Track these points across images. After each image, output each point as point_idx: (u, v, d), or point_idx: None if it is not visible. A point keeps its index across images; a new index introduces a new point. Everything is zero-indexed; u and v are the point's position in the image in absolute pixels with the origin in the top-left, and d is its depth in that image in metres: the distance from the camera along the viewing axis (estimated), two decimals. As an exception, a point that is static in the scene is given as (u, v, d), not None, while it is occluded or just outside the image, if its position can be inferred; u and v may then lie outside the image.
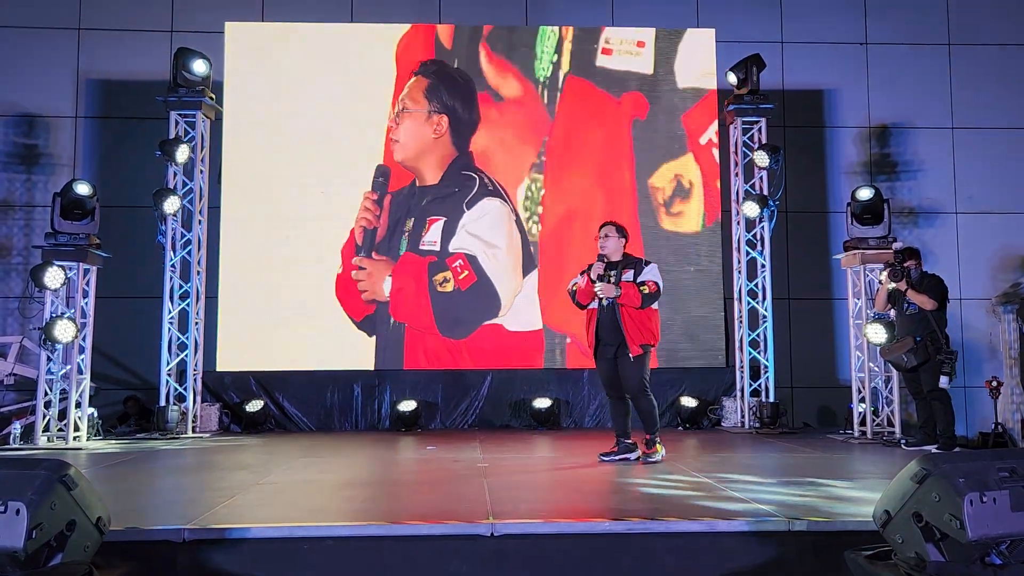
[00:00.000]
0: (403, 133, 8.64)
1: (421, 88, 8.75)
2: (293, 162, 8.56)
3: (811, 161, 9.46)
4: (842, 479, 4.99)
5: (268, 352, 8.35)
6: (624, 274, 5.39)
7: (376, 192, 8.56)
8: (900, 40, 9.60)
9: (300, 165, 8.57)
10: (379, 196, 8.55)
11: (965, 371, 8.68)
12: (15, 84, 9.03)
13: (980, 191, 9.46)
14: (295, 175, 8.55)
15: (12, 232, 8.99)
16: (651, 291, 5.33)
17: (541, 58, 8.78)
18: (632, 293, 5.31)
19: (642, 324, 5.38)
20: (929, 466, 2.77)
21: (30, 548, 2.61)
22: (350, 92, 8.71)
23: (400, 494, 4.68)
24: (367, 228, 8.53)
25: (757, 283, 8.38)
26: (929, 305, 6.30)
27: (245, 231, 8.47)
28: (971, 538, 2.61)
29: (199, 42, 8.36)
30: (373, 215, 8.51)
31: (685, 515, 3.69)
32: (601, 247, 5.50)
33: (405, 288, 8.45)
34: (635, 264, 5.47)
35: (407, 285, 8.45)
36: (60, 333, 6.84)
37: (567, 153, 8.69)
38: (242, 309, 8.36)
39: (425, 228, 8.51)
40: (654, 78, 8.82)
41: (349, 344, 8.41)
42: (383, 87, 8.72)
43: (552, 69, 8.78)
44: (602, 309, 5.41)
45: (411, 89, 8.74)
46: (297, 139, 8.60)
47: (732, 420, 8.33)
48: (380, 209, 8.52)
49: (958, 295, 8.73)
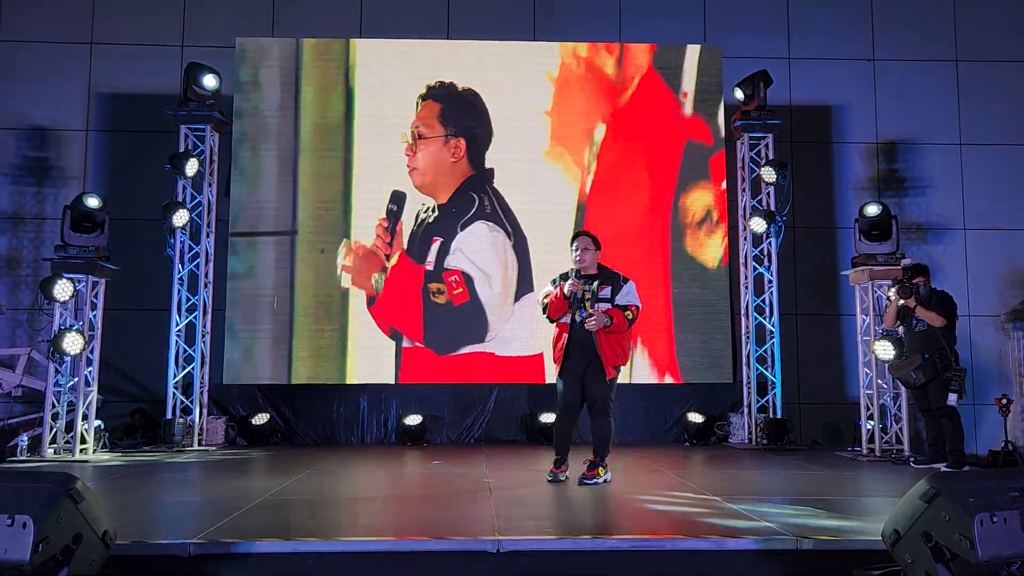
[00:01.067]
0: (421, 160, 8.58)
1: (434, 113, 8.71)
2: (306, 177, 8.55)
3: (818, 177, 9.45)
4: (851, 497, 4.96)
5: (275, 365, 8.33)
6: (601, 290, 5.20)
7: (388, 219, 8.50)
8: (908, 56, 9.61)
9: (312, 181, 8.56)
10: (391, 223, 8.50)
11: (974, 388, 8.63)
12: (27, 98, 9.11)
13: (988, 207, 9.43)
14: (305, 191, 8.54)
15: (22, 244, 9.04)
16: (635, 316, 5.22)
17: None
18: (620, 321, 5.15)
19: (617, 345, 5.23)
20: (939, 485, 2.75)
21: (36, 562, 2.61)
22: (361, 109, 8.69)
23: (406, 509, 4.66)
24: (381, 252, 8.48)
25: (764, 299, 8.37)
26: (938, 322, 6.28)
27: (252, 244, 8.47)
28: (981, 558, 2.59)
29: (209, 57, 8.43)
30: (384, 242, 8.47)
31: (693, 533, 3.67)
32: (579, 260, 5.28)
33: (397, 288, 8.38)
34: (611, 279, 5.26)
35: (400, 285, 8.38)
36: (68, 345, 6.86)
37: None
38: (249, 322, 8.35)
39: (428, 246, 8.49)
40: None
41: (361, 358, 8.39)
42: (396, 104, 8.72)
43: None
44: (574, 325, 5.21)
45: (423, 113, 8.71)
46: (309, 155, 8.60)
47: (739, 436, 8.29)
48: (391, 236, 8.48)
49: (966, 312, 8.69)
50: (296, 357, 8.33)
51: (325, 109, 8.68)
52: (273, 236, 8.49)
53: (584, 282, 5.22)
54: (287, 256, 8.45)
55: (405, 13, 9.35)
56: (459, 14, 9.42)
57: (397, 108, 8.69)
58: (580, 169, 8.71)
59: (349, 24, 9.29)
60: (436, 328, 8.35)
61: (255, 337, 8.34)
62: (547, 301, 5.30)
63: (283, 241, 8.49)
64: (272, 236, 8.49)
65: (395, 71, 8.77)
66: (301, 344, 8.34)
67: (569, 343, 5.23)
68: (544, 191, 8.62)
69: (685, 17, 9.49)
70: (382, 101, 8.72)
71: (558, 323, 5.32)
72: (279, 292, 8.38)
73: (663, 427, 8.54)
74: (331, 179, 8.57)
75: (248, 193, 8.53)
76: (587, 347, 5.20)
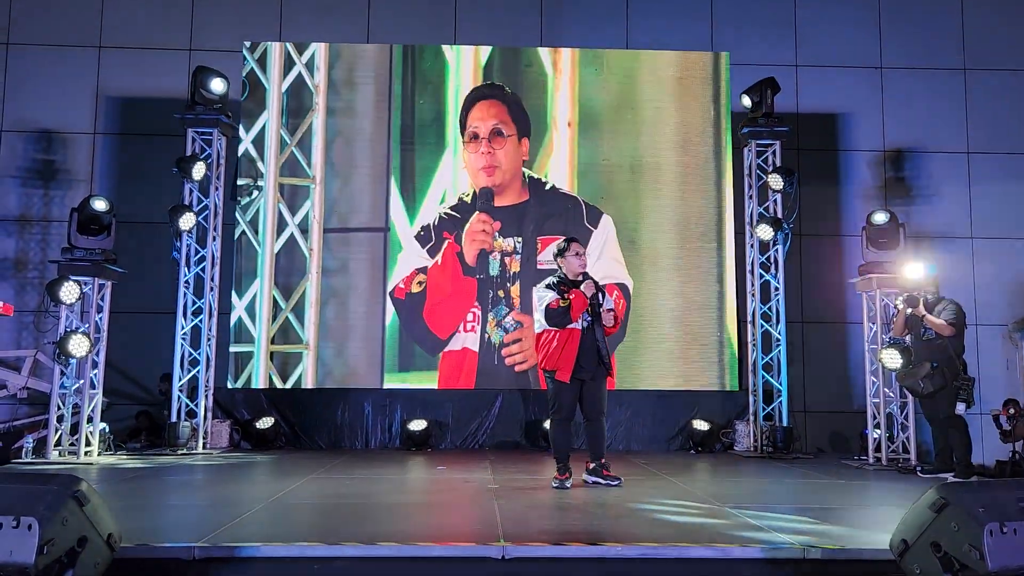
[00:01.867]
0: (502, 157, 8.56)
1: (501, 111, 8.68)
2: (316, 181, 8.56)
3: (825, 184, 9.44)
4: (857, 506, 4.93)
5: (279, 369, 8.34)
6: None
7: (486, 213, 8.47)
8: (915, 64, 9.60)
9: (323, 185, 8.56)
10: (491, 219, 8.47)
11: (981, 398, 8.58)
12: (35, 101, 9.15)
13: (996, 216, 9.40)
14: (315, 194, 8.55)
15: (29, 246, 9.06)
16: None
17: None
18: (616, 319, 5.41)
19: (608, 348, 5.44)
20: (948, 495, 2.73)
21: (41, 564, 2.60)
22: (376, 112, 8.71)
23: (410, 514, 4.65)
24: (486, 250, 8.42)
25: (771, 306, 8.34)
26: (947, 331, 6.25)
27: (258, 248, 8.48)
28: (991, 569, 2.57)
29: (217, 61, 8.46)
30: (490, 236, 8.45)
31: (698, 541, 3.66)
32: (581, 265, 5.41)
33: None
34: (595, 282, 5.39)
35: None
36: (74, 348, 6.87)
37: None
38: (255, 325, 8.37)
39: (539, 248, 8.44)
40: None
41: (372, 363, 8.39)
42: (424, 109, 8.76)
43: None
44: (584, 331, 5.28)
45: (485, 114, 8.66)
46: (320, 158, 8.61)
47: (744, 444, 8.25)
48: (493, 228, 8.46)
49: (974, 321, 8.65)
50: (303, 361, 8.33)
51: (329, 111, 8.70)
52: (282, 240, 8.51)
53: (574, 284, 5.33)
54: (301, 261, 8.49)
55: (412, 18, 9.38)
56: (466, 19, 9.44)
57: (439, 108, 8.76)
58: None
59: (357, 28, 9.32)
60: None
61: (262, 340, 8.35)
62: (566, 305, 5.22)
63: (295, 245, 8.51)
64: (282, 241, 8.51)
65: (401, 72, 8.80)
66: (309, 348, 8.34)
67: (580, 349, 5.26)
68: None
69: (692, 24, 9.49)
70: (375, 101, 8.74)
71: (564, 328, 5.27)
72: (291, 296, 8.39)
73: (668, 434, 8.51)
74: (344, 183, 8.60)
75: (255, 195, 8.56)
76: (594, 353, 5.27)
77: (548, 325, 5.28)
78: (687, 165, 8.76)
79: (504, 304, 8.39)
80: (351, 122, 8.72)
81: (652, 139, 8.78)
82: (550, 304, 5.23)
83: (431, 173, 8.67)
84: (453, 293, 8.41)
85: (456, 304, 8.40)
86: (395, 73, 8.77)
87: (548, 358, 5.31)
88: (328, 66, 8.76)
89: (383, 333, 8.40)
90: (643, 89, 8.85)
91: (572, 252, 5.41)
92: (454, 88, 8.82)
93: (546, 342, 5.33)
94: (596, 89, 8.83)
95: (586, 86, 8.83)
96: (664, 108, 8.82)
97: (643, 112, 8.82)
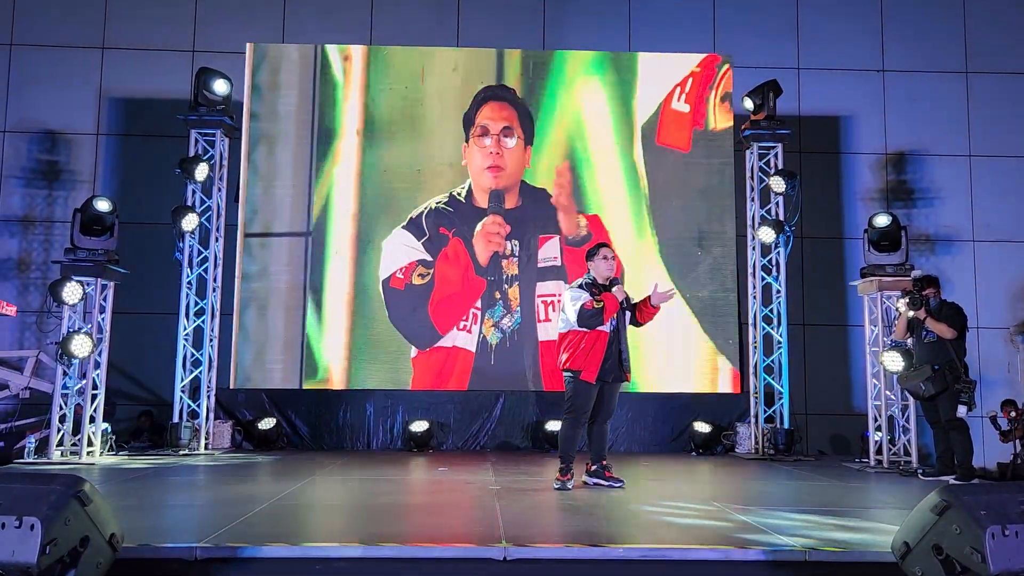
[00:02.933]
0: (508, 159, 8.58)
1: (512, 115, 8.69)
2: (319, 183, 8.56)
3: (827, 187, 9.44)
4: (859, 508, 4.93)
5: (281, 370, 8.34)
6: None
7: (499, 215, 8.47)
8: (917, 67, 9.60)
9: (326, 186, 8.56)
10: (503, 219, 8.48)
11: (982, 401, 8.58)
12: (38, 101, 9.17)
13: (998, 219, 9.40)
14: (319, 195, 8.54)
15: (32, 247, 9.08)
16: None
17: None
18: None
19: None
20: (949, 498, 2.74)
21: (43, 564, 2.61)
22: (384, 114, 8.72)
23: (412, 516, 4.65)
24: (499, 252, 8.44)
25: (772, 309, 8.34)
26: (948, 334, 6.25)
27: (261, 249, 8.49)
28: (992, 572, 2.57)
29: (220, 62, 8.47)
30: (503, 238, 8.46)
31: (700, 543, 3.66)
32: (609, 268, 5.42)
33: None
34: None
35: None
36: (77, 348, 6.88)
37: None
38: (256, 327, 8.37)
39: (538, 245, 8.48)
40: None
41: (374, 364, 8.38)
42: (406, 111, 8.74)
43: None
44: (611, 334, 5.32)
45: (497, 115, 8.67)
46: (323, 161, 8.60)
47: (746, 446, 8.25)
48: (506, 230, 8.46)
49: (975, 324, 8.66)
50: (304, 361, 8.34)
51: (333, 114, 8.70)
52: (286, 241, 8.50)
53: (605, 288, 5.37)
54: (301, 262, 8.49)
55: (415, 21, 9.39)
56: (469, 22, 9.45)
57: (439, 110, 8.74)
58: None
59: (359, 30, 9.33)
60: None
61: (263, 341, 8.36)
62: (600, 307, 5.20)
63: (297, 246, 8.50)
64: (285, 241, 8.50)
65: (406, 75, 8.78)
66: (312, 349, 8.35)
67: (607, 352, 5.29)
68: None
69: (694, 27, 9.50)
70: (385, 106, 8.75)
71: (593, 330, 5.27)
72: (294, 298, 8.40)
73: (669, 436, 8.51)
74: (346, 184, 8.61)
75: (257, 196, 8.56)
76: (618, 356, 5.33)
77: (578, 326, 5.27)
78: (692, 168, 8.76)
79: (501, 306, 8.40)
80: (273, 126, 8.67)
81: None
82: (584, 304, 5.21)
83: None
84: (462, 290, 8.42)
85: (462, 301, 8.41)
86: (318, 76, 8.70)
87: (573, 359, 5.31)
88: (253, 69, 8.71)
89: (303, 338, 8.37)
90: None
91: (600, 256, 5.42)
92: (354, 92, 8.74)
93: (573, 343, 5.32)
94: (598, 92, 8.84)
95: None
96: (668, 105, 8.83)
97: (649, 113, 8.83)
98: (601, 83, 8.80)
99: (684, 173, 8.72)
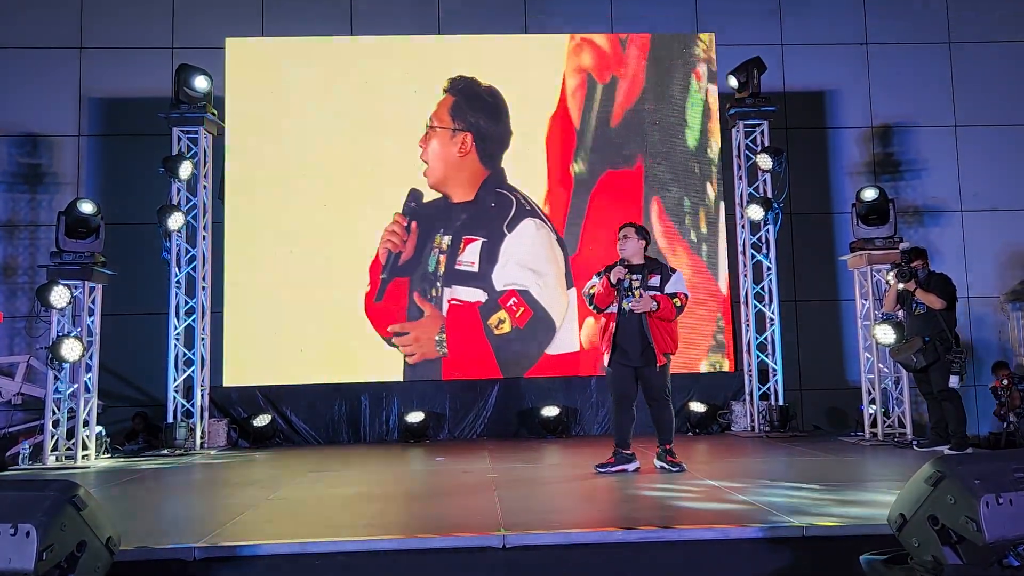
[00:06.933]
0: (431, 154, 8.55)
1: (447, 107, 8.67)
2: (302, 178, 8.51)
3: (814, 163, 9.44)
4: (855, 482, 4.96)
5: (275, 366, 8.32)
6: (650, 279, 5.23)
7: (406, 217, 8.47)
8: (900, 39, 9.59)
9: (308, 181, 8.52)
10: (408, 221, 8.46)
11: (975, 370, 8.63)
12: (18, 104, 9.07)
13: (985, 188, 9.43)
14: (302, 191, 8.51)
15: (17, 252, 9.01)
16: (683, 304, 5.25)
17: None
18: (668, 307, 5.19)
19: (668, 333, 5.28)
20: (944, 468, 2.74)
21: (41, 570, 2.59)
22: (363, 109, 8.64)
23: (410, 507, 4.66)
24: (391, 251, 8.43)
25: (763, 286, 8.35)
26: (938, 304, 6.28)
27: (249, 246, 8.44)
28: (988, 540, 2.58)
29: (200, 58, 8.38)
30: (400, 239, 8.42)
31: (698, 523, 3.67)
32: (621, 250, 5.30)
33: (460, 339, 8.33)
34: (661, 269, 5.32)
35: (461, 335, 8.31)
36: (67, 352, 6.84)
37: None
38: (248, 324, 8.34)
39: (461, 247, 8.43)
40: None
41: (366, 358, 8.38)
42: (399, 104, 8.68)
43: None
44: (622, 315, 5.23)
45: (439, 108, 8.67)
46: (304, 155, 8.55)
47: (742, 424, 8.28)
48: (407, 234, 8.43)
49: (965, 293, 8.70)
50: (296, 357, 8.32)
51: (316, 109, 8.64)
52: (272, 237, 8.46)
53: (631, 272, 5.25)
54: (286, 258, 8.45)
55: (395, 9, 9.32)
56: (449, 8, 9.39)
57: (397, 107, 8.66)
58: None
59: (339, 22, 9.25)
60: (507, 356, 8.36)
61: (255, 339, 8.33)
62: (594, 291, 5.27)
63: (281, 243, 8.46)
64: (270, 237, 8.46)
65: (394, 67, 8.74)
66: (302, 345, 8.33)
67: (617, 333, 5.24)
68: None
69: (677, 5, 9.46)
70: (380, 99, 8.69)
71: (604, 313, 5.31)
72: (281, 294, 8.36)
73: (665, 417, 8.51)
74: (328, 180, 8.55)
75: (241, 193, 8.50)
76: (636, 336, 5.21)
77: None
78: (676, 147, 8.75)
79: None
80: (255, 121, 8.59)
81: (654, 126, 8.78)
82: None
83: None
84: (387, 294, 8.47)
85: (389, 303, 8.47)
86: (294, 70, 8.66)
87: (600, 343, 5.45)
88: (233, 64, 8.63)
89: (294, 333, 8.38)
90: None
91: (620, 236, 5.36)
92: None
93: (600, 327, 5.45)
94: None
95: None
96: (653, 89, 8.81)
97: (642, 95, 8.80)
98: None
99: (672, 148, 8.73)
